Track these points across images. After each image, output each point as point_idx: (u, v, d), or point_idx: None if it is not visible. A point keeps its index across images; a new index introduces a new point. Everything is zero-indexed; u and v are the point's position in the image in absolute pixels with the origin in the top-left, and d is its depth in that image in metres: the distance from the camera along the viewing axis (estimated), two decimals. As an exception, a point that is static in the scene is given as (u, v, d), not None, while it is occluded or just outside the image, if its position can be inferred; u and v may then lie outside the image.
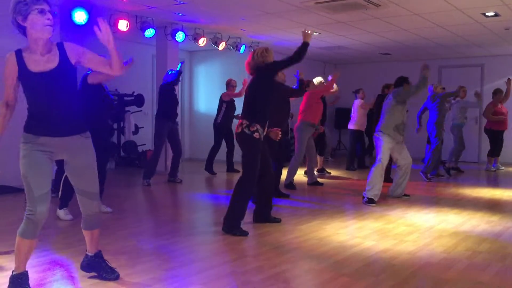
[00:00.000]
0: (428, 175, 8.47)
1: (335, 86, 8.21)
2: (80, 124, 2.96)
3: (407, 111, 6.55)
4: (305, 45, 4.78)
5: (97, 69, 3.05)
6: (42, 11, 2.70)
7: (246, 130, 4.51)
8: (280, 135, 5.11)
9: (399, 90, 6.38)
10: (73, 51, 2.88)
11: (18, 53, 2.78)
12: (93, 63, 2.98)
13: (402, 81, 6.58)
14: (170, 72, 7.78)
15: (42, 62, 2.78)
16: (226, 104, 8.85)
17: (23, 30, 2.76)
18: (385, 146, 6.18)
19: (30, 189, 2.78)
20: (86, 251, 3.26)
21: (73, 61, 2.87)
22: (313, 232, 4.67)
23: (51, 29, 2.75)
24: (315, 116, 7.44)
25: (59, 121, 2.85)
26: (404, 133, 6.37)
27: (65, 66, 2.83)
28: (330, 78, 7.61)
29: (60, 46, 2.86)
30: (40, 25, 2.71)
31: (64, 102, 2.85)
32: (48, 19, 2.72)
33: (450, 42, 10.19)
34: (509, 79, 9.64)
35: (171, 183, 7.90)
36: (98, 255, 3.23)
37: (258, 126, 4.53)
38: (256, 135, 4.52)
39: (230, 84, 8.99)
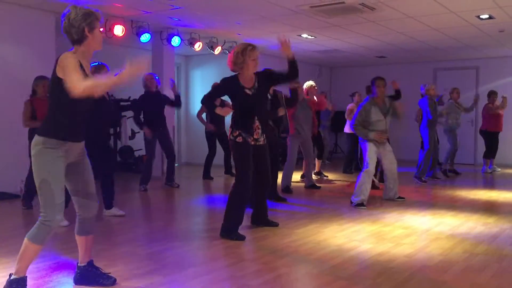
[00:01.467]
0: (422, 178, 8.47)
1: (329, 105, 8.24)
2: (84, 130, 3.11)
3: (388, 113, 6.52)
4: (292, 63, 4.64)
5: None
6: (101, 29, 3.00)
7: (230, 136, 4.60)
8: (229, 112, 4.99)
9: (356, 112, 6.34)
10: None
11: (75, 56, 2.87)
12: None
13: (369, 87, 6.56)
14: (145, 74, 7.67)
15: (88, 70, 2.99)
16: (207, 113, 8.83)
17: (81, 38, 2.90)
18: (370, 151, 6.19)
19: (52, 196, 2.83)
20: (78, 263, 3.24)
21: None
22: (311, 235, 4.67)
23: None
24: (292, 127, 7.34)
25: (83, 127, 3.02)
26: (386, 136, 6.34)
27: None
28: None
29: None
30: (100, 40, 2.99)
31: (89, 111, 3.05)
32: (102, 36, 3.02)
33: (445, 45, 10.23)
34: (504, 97, 9.66)
35: (168, 188, 7.89)
36: (91, 264, 3.21)
37: (239, 131, 4.56)
38: (239, 139, 4.55)
39: None
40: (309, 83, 8.01)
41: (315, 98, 8.03)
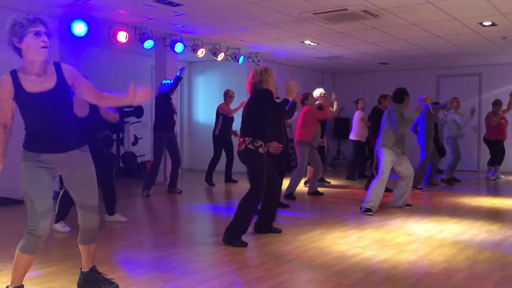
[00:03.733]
0: (418, 186, 8.40)
1: (335, 107, 8.33)
2: (78, 139, 2.99)
3: None
4: (294, 104, 4.94)
5: (85, 96, 3.01)
6: (37, 33, 2.72)
7: (250, 146, 4.52)
8: (280, 149, 5.05)
9: (393, 115, 6.26)
10: (70, 74, 2.90)
11: (14, 74, 2.77)
12: (84, 90, 2.97)
13: (402, 94, 6.44)
14: (165, 82, 7.80)
15: (38, 82, 2.78)
16: (222, 116, 8.86)
17: (19, 52, 2.77)
18: (386, 160, 6.19)
19: (33, 205, 2.79)
20: (81, 268, 3.23)
21: (69, 82, 2.89)
22: (313, 242, 4.66)
23: (46, 51, 2.75)
24: (310, 134, 7.38)
25: (58, 139, 2.88)
26: (403, 147, 6.38)
27: (62, 86, 2.85)
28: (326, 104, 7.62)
29: (57, 66, 2.88)
30: (35, 48, 2.72)
31: (62, 120, 2.88)
32: (43, 41, 2.73)
33: (447, 52, 10.24)
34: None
35: (170, 193, 7.89)
36: (94, 270, 3.21)
37: (261, 142, 4.57)
38: (260, 150, 4.55)
39: (228, 95, 9.00)
40: (318, 91, 8.05)
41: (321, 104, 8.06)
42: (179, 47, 8.72)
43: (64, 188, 4.76)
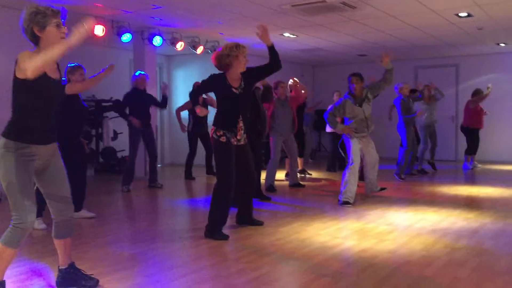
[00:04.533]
0: (402, 175, 8.56)
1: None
2: (55, 132, 3.04)
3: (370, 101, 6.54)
4: (272, 49, 4.57)
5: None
6: (58, 25, 2.84)
7: (214, 135, 4.58)
8: (205, 113, 4.91)
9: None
10: (59, 66, 3.04)
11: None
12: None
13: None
14: (138, 73, 7.70)
15: (53, 70, 2.90)
16: (190, 111, 8.80)
17: (36, 39, 2.83)
18: (354, 148, 6.20)
19: (22, 198, 2.77)
20: (59, 266, 3.18)
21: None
22: (294, 234, 4.69)
23: None
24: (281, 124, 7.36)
25: (50, 130, 2.94)
26: (369, 128, 6.33)
27: (61, 77, 3.01)
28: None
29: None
30: (56, 38, 2.82)
31: (54, 112, 2.97)
32: (63, 32, 2.86)
33: (425, 43, 10.35)
34: (488, 87, 9.80)
35: (151, 188, 7.84)
36: (72, 266, 3.17)
37: (225, 131, 4.53)
38: (222, 139, 4.52)
39: None
40: (292, 80, 8.02)
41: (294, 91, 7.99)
42: (157, 41, 8.64)
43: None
